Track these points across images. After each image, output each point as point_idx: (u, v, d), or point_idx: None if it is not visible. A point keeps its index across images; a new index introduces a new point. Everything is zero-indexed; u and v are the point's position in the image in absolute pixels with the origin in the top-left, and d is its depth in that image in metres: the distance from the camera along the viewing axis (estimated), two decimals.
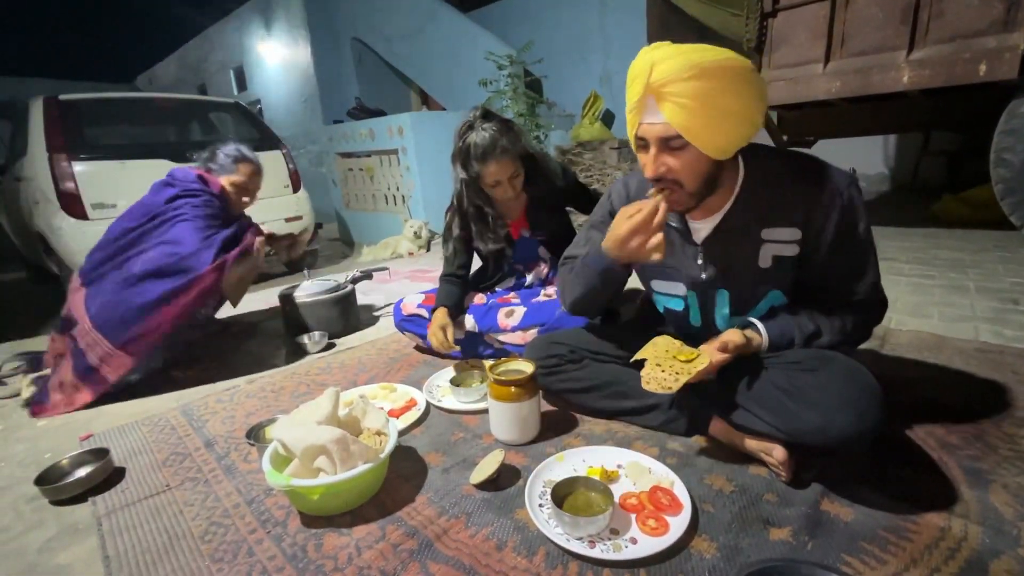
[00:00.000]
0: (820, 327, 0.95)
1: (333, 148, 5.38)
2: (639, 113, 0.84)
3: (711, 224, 0.97)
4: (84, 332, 1.58)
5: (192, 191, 1.75)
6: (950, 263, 2.32)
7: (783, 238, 0.93)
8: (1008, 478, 0.92)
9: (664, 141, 0.84)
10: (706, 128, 0.81)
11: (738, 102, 0.81)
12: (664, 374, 0.92)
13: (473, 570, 0.80)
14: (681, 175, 0.86)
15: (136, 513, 1.01)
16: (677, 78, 0.78)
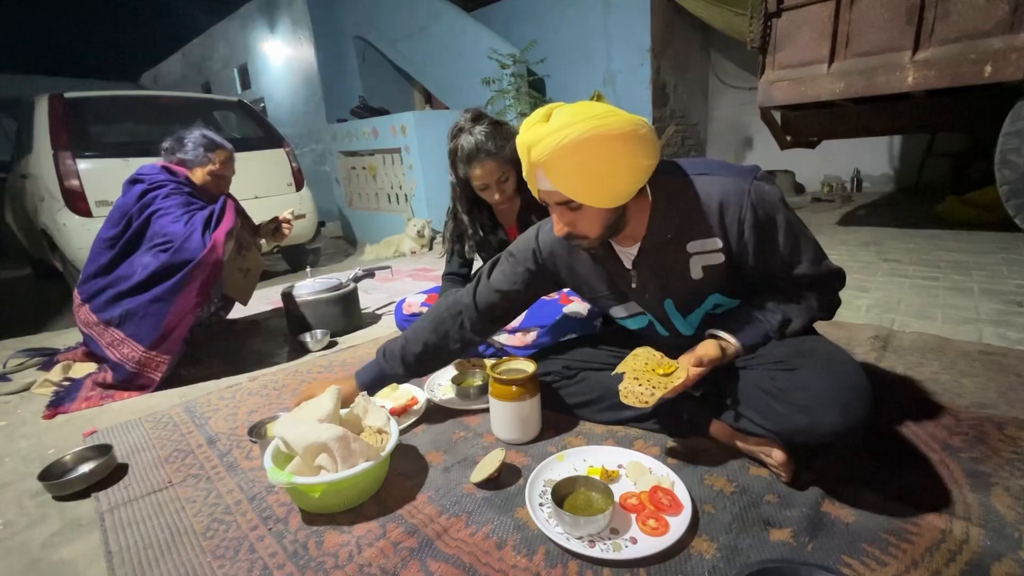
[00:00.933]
0: (788, 314, 0.97)
1: (336, 147, 5.39)
2: (533, 181, 0.90)
3: (633, 248, 0.99)
4: (114, 341, 1.62)
5: (158, 183, 1.73)
6: (954, 265, 2.32)
7: (706, 248, 0.94)
8: (1010, 481, 0.91)
9: (562, 204, 0.89)
10: (592, 190, 0.86)
11: (616, 163, 0.84)
12: (641, 388, 0.93)
13: (473, 569, 0.80)
14: (584, 228, 0.92)
15: (139, 509, 1.01)
16: (550, 158, 0.82)
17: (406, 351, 1.17)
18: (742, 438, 1.00)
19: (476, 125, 1.39)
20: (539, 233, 1.11)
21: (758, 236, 0.91)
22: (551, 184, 0.86)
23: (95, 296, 1.67)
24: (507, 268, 1.13)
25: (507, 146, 1.40)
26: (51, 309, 3.35)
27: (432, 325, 1.17)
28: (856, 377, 0.85)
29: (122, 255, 1.69)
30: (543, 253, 1.10)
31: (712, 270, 0.96)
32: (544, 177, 0.86)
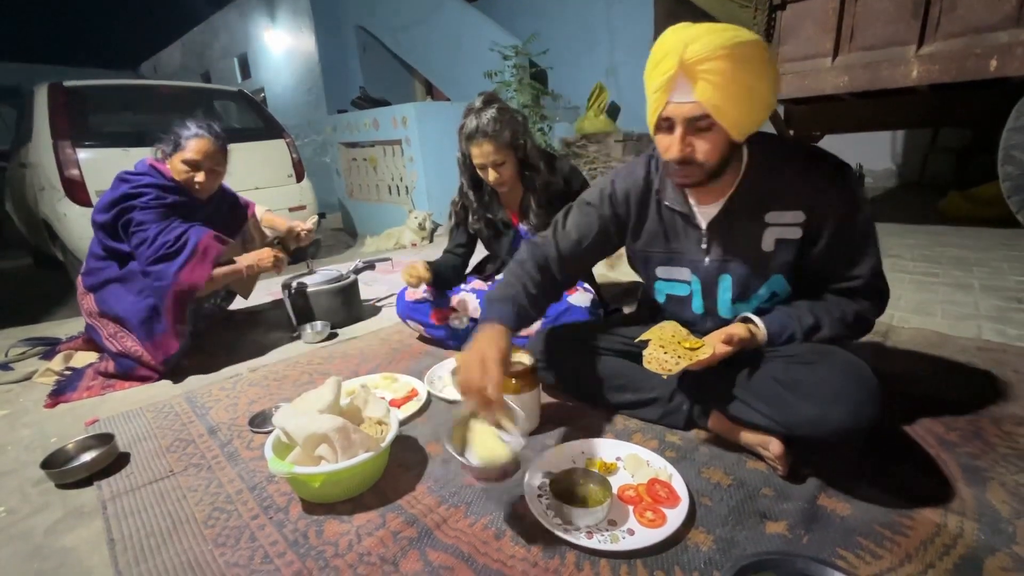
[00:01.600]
0: (820, 320, 0.96)
1: (337, 138, 5.37)
2: (667, 91, 0.82)
3: (716, 208, 0.97)
4: (116, 334, 1.62)
5: (140, 189, 1.62)
6: (955, 261, 2.31)
7: (786, 221, 0.93)
8: (1006, 476, 0.92)
9: (691, 121, 0.83)
10: (734, 108, 0.81)
11: (762, 83, 0.82)
12: (666, 356, 0.93)
13: (471, 558, 0.81)
14: (704, 155, 0.86)
15: (140, 498, 1.02)
16: (712, 56, 0.77)
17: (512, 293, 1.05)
18: (740, 431, 1.01)
19: (486, 108, 1.45)
20: (615, 179, 1.09)
21: (839, 223, 0.91)
22: (692, 93, 0.80)
23: (99, 288, 1.67)
24: (581, 215, 1.11)
25: (506, 132, 1.45)
26: (52, 299, 3.35)
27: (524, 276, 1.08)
28: (871, 380, 0.85)
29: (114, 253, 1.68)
30: (619, 197, 1.07)
31: (784, 245, 0.95)
32: (686, 84, 0.80)
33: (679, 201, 1.00)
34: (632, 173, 1.07)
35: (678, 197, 1.00)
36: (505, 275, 1.11)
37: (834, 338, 0.95)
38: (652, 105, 0.86)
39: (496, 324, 0.98)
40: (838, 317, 0.96)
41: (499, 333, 0.96)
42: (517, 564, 0.80)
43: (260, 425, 1.26)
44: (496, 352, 0.90)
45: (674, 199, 1.00)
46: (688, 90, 0.81)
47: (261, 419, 1.29)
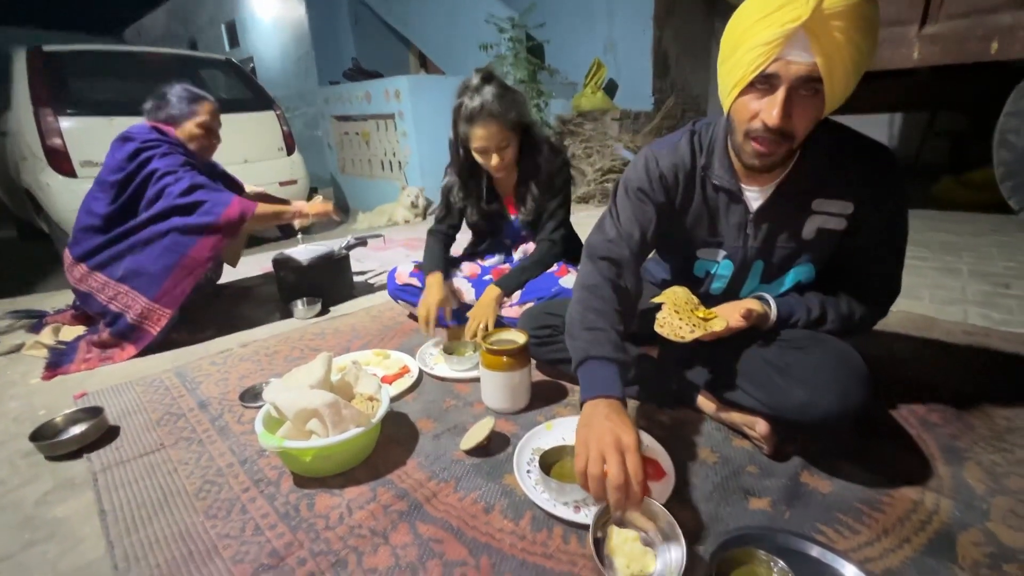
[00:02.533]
0: (826, 314, 0.94)
1: (328, 110, 5.25)
2: (780, 46, 0.70)
3: (766, 192, 0.90)
4: (117, 295, 1.61)
5: (151, 142, 1.66)
6: (945, 246, 2.33)
7: (833, 211, 0.89)
8: (983, 456, 0.95)
9: (801, 84, 0.72)
10: (843, 74, 0.72)
11: (873, 50, 0.73)
12: (681, 323, 0.91)
13: (460, 531, 0.83)
14: (799, 127, 0.77)
15: (131, 470, 1.03)
16: (850, 9, 0.67)
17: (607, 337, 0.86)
18: (728, 410, 1.02)
19: (485, 85, 1.35)
20: (658, 157, 0.96)
21: (884, 220, 0.88)
22: (811, 51, 0.69)
23: (93, 254, 1.65)
24: (635, 205, 0.97)
25: (512, 111, 1.36)
26: (38, 271, 3.30)
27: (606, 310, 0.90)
28: (861, 368, 0.85)
29: (120, 213, 1.66)
30: (668, 178, 0.95)
31: (825, 235, 0.91)
32: (805, 41, 0.69)
33: (728, 179, 0.91)
34: (675, 149, 0.96)
35: (727, 174, 0.91)
36: (578, 312, 0.91)
37: (834, 332, 0.94)
38: (752, 60, 0.73)
39: (611, 400, 0.78)
40: (845, 314, 0.95)
41: (618, 411, 0.76)
42: (505, 537, 0.81)
43: (251, 400, 1.26)
44: (631, 438, 0.71)
45: (722, 176, 0.91)
46: (806, 46, 0.69)
47: (252, 394, 1.29)
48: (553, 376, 1.31)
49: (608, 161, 4.05)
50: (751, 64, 0.73)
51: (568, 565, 0.75)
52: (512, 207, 1.58)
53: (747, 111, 0.78)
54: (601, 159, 4.09)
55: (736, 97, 0.79)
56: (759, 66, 0.73)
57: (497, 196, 1.59)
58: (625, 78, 4.84)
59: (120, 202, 1.64)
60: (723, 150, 0.91)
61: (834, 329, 0.95)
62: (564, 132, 4.43)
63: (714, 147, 0.92)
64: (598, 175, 4.04)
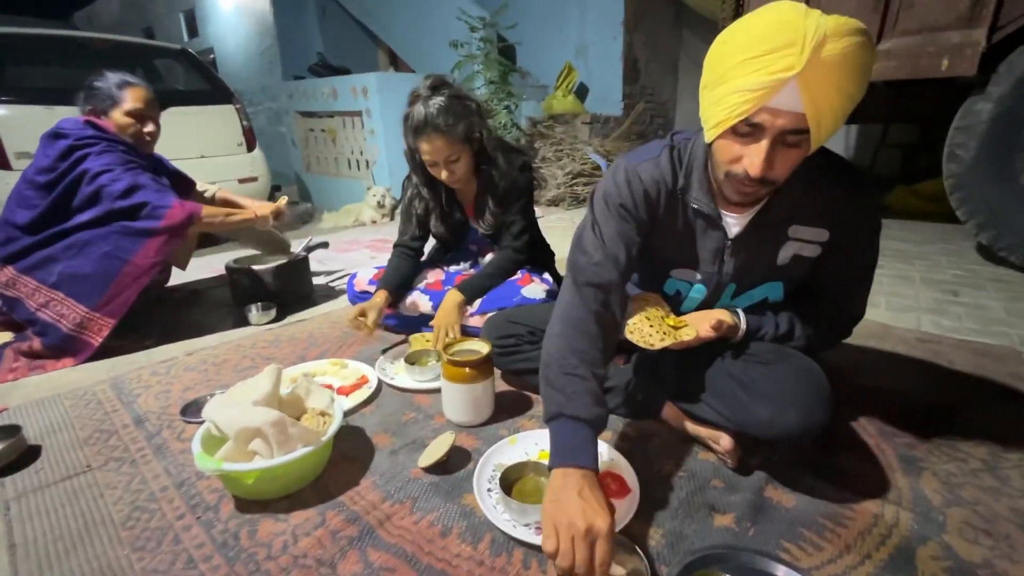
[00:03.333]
0: (793, 330, 0.94)
1: (293, 106, 5.08)
2: (766, 96, 0.65)
3: (745, 218, 0.86)
4: (49, 302, 1.48)
5: (86, 139, 1.52)
6: (898, 253, 2.41)
7: (808, 237, 0.87)
8: (938, 465, 0.96)
9: (785, 134, 0.68)
10: (832, 121, 0.67)
11: (862, 91, 0.68)
12: (652, 330, 0.90)
13: (415, 558, 0.77)
14: (779, 172, 0.72)
15: (50, 496, 0.93)
16: (848, 56, 0.62)
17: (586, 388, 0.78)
18: (694, 423, 1.01)
19: (434, 95, 1.29)
20: (639, 171, 0.89)
21: (857, 249, 0.88)
22: (799, 102, 0.64)
23: (21, 256, 1.52)
24: (618, 222, 0.88)
25: (461, 124, 1.30)
26: None
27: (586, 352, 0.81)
28: (823, 386, 0.85)
29: (52, 214, 1.53)
30: (652, 194, 0.89)
31: (799, 261, 0.89)
32: (795, 90, 0.64)
33: (707, 203, 0.86)
34: (656, 164, 0.89)
35: (706, 198, 0.86)
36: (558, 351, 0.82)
37: (800, 349, 0.94)
38: (734, 104, 0.67)
39: (585, 472, 0.71)
40: (810, 333, 0.94)
41: (591, 486, 0.70)
42: (463, 563, 0.76)
43: (194, 415, 1.17)
44: (604, 523, 0.65)
45: (701, 199, 0.86)
46: (795, 97, 0.64)
47: (195, 408, 1.20)
48: (518, 387, 1.27)
49: (578, 164, 4.06)
50: (735, 109, 0.68)
51: None
52: (473, 214, 1.54)
53: (728, 153, 0.74)
54: (571, 162, 4.09)
55: (719, 137, 0.74)
56: (743, 113, 0.68)
57: (459, 204, 1.54)
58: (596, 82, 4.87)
59: (51, 202, 1.51)
60: (702, 173, 0.85)
61: (800, 345, 0.94)
62: (534, 134, 4.41)
63: (692, 167, 0.87)
64: (568, 178, 4.04)
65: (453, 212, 1.53)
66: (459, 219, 1.54)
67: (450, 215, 1.53)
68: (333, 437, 0.94)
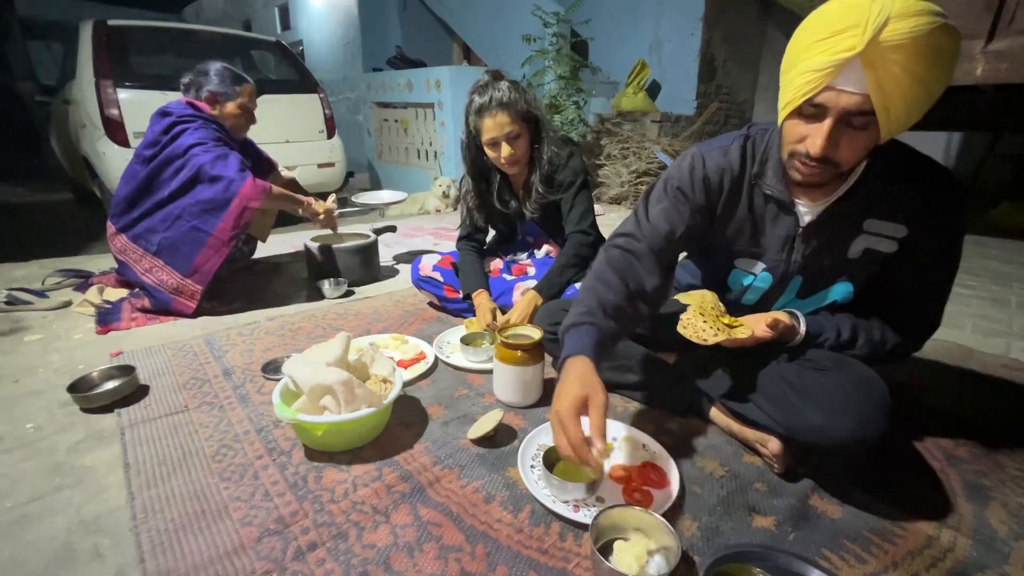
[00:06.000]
0: (857, 337, 0.90)
1: (370, 97, 5.34)
2: (831, 75, 0.67)
3: (820, 207, 0.85)
4: (152, 268, 1.71)
5: (186, 117, 1.74)
6: (995, 275, 2.21)
7: (885, 232, 0.85)
8: (1010, 497, 0.90)
9: (848, 115, 0.69)
10: (903, 108, 0.67)
11: (943, 83, 0.67)
12: (705, 325, 0.89)
13: (459, 518, 0.84)
14: (845, 157, 0.73)
15: (156, 428, 1.08)
16: (914, 40, 0.62)
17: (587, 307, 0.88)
18: (741, 425, 1.00)
19: (496, 81, 1.39)
20: (704, 158, 0.92)
21: (938, 247, 0.84)
22: (865, 82, 0.65)
23: (131, 226, 1.75)
24: (670, 202, 0.94)
25: (521, 101, 1.38)
26: (89, 233, 3.49)
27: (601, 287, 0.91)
28: (882, 394, 0.81)
29: (147, 185, 1.75)
30: (712, 181, 0.91)
31: (872, 256, 0.87)
32: (860, 71, 0.65)
33: (781, 189, 0.86)
34: (726, 153, 0.91)
35: (780, 185, 0.86)
36: (580, 292, 0.95)
37: (863, 358, 0.90)
38: (801, 84, 0.70)
39: (576, 358, 0.81)
40: (876, 341, 0.90)
41: (580, 369, 0.80)
42: (503, 528, 0.82)
43: (272, 372, 1.31)
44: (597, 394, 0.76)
45: (775, 186, 0.87)
46: (860, 78, 0.65)
47: (274, 366, 1.33)
48: None
49: (644, 164, 3.99)
50: (801, 89, 0.70)
51: (562, 562, 0.76)
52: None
53: (795, 133, 0.76)
54: (637, 161, 4.02)
55: (787, 118, 0.76)
56: (808, 92, 0.70)
57: (514, 194, 1.58)
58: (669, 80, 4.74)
59: (148, 171, 1.73)
60: (778, 160, 0.86)
61: (863, 355, 0.90)
62: (602, 131, 4.38)
63: (768, 156, 0.88)
64: (632, 177, 3.98)
65: (506, 201, 1.57)
66: (513, 209, 1.58)
67: (504, 204, 1.57)
68: (393, 402, 1.03)
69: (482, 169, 1.53)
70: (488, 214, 1.61)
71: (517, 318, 1.38)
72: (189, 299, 1.69)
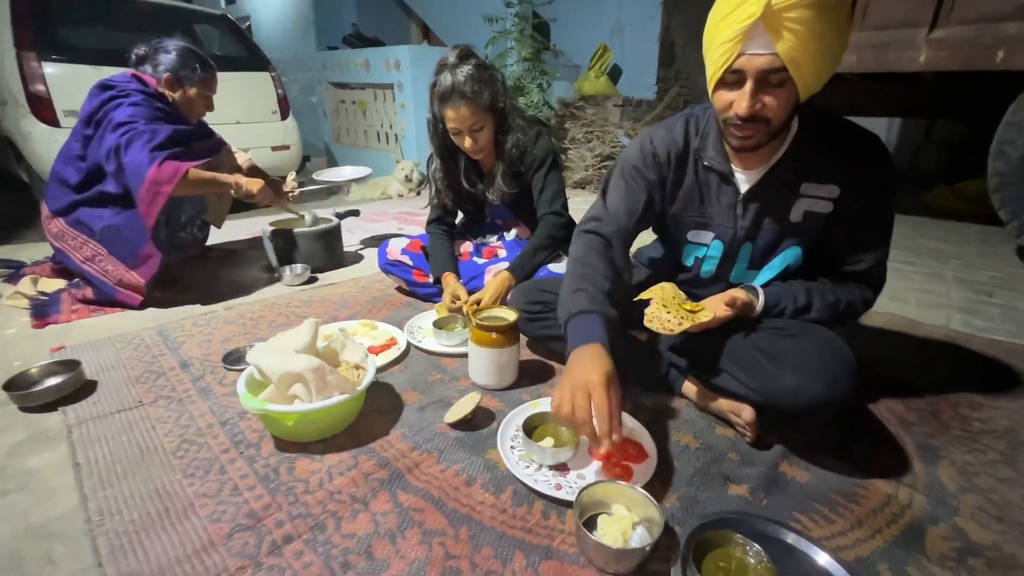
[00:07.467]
0: (812, 302, 0.96)
1: (326, 77, 5.12)
2: (741, 42, 0.76)
3: (757, 174, 0.93)
4: (95, 256, 1.57)
5: (126, 91, 1.58)
6: (933, 252, 2.36)
7: (820, 194, 0.91)
8: (956, 455, 0.97)
9: (764, 75, 0.77)
10: (811, 63, 0.76)
11: (840, 38, 0.77)
12: (669, 315, 0.93)
13: (441, 502, 0.82)
14: (773, 113, 0.81)
15: (108, 425, 1.01)
16: (801, 3, 0.71)
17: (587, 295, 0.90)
18: (714, 397, 1.03)
19: (461, 64, 1.32)
20: (652, 139, 1.01)
21: (870, 203, 0.91)
22: (772, 43, 0.74)
23: (70, 210, 1.60)
24: (627, 183, 1.02)
25: (486, 92, 1.33)
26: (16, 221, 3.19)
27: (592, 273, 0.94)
28: (849, 357, 0.86)
29: (96, 169, 1.60)
30: (661, 157, 1.00)
31: (812, 218, 0.93)
32: (765, 35, 0.74)
33: (720, 160, 0.95)
34: (670, 131, 1.00)
35: (719, 156, 0.95)
36: (566, 283, 0.95)
37: (820, 321, 0.95)
38: (718, 57, 0.79)
39: (590, 345, 0.82)
40: (830, 303, 0.96)
41: (594, 354, 0.80)
42: (486, 510, 0.81)
43: (234, 362, 1.25)
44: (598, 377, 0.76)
45: (714, 158, 0.95)
46: (766, 41, 0.75)
47: (235, 356, 1.27)
48: (542, 355, 1.31)
49: (608, 147, 4.02)
50: (719, 60, 0.79)
51: (547, 539, 0.76)
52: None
53: (723, 101, 0.84)
54: (601, 145, 4.05)
55: (714, 90, 0.84)
56: (725, 62, 0.78)
57: (482, 175, 1.55)
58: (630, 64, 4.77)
59: (91, 153, 1.58)
60: (717, 134, 0.94)
61: (820, 318, 0.96)
62: (565, 115, 4.37)
63: (708, 131, 0.97)
64: (596, 160, 4.01)
65: (474, 184, 1.54)
66: (480, 190, 1.55)
67: (472, 185, 1.54)
68: (367, 388, 1.00)
69: (449, 148, 1.49)
70: (456, 194, 1.57)
71: (489, 299, 1.36)
72: (136, 292, 1.57)
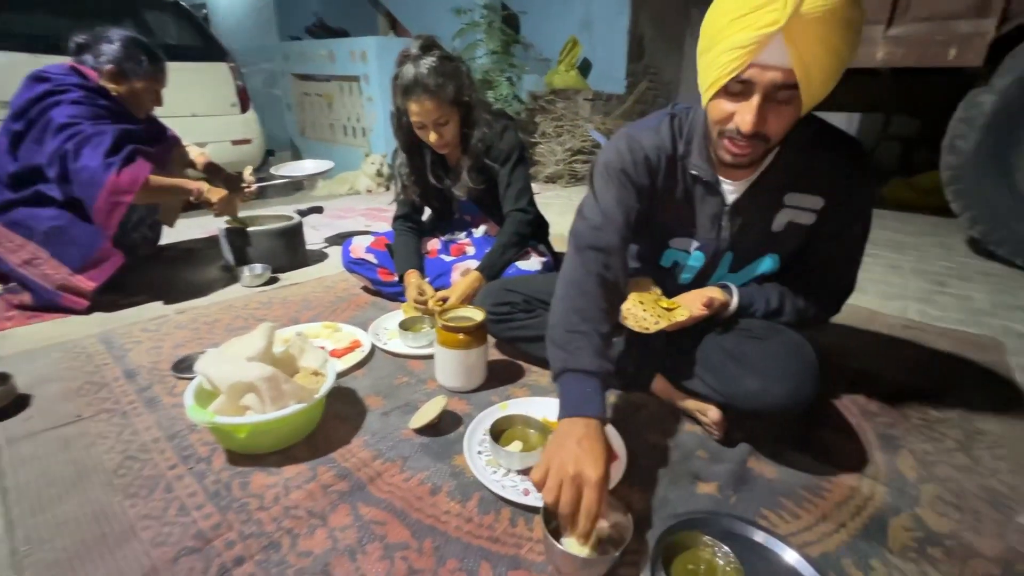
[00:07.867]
0: (783, 306, 0.95)
1: (289, 68, 4.95)
2: (755, 52, 0.67)
3: (744, 185, 0.88)
4: (34, 259, 1.46)
5: (65, 86, 1.45)
6: (890, 244, 2.44)
7: (804, 205, 0.89)
8: (915, 444, 0.99)
9: (775, 90, 0.70)
10: (822, 78, 0.68)
11: (852, 54, 0.69)
12: (645, 313, 0.91)
13: (405, 513, 0.79)
14: (773, 129, 0.74)
15: (41, 443, 0.93)
16: (832, 12, 0.63)
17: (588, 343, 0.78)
18: (682, 396, 1.03)
19: (424, 56, 1.27)
20: (640, 138, 0.91)
21: (851, 217, 0.89)
22: (787, 56, 0.66)
23: (4, 209, 1.48)
24: (619, 187, 0.90)
25: (451, 86, 1.29)
26: None
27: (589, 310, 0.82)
28: (812, 361, 0.86)
29: (32, 169, 1.48)
30: (652, 160, 0.90)
31: (793, 229, 0.91)
32: (782, 46, 0.65)
33: (705, 169, 0.88)
34: (657, 132, 0.92)
35: (705, 165, 0.88)
36: (561, 311, 0.83)
37: (790, 324, 0.95)
38: (726, 63, 0.70)
39: (588, 420, 0.71)
40: (800, 308, 0.96)
41: (593, 435, 0.70)
42: (451, 520, 0.78)
43: (185, 371, 1.18)
44: (596, 472, 0.66)
45: (700, 166, 0.89)
46: (782, 53, 0.66)
47: (187, 364, 1.20)
48: (510, 355, 1.28)
49: (578, 142, 4.01)
50: (726, 67, 0.70)
51: (514, 548, 0.74)
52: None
53: (722, 112, 0.76)
54: (571, 139, 4.04)
55: (712, 97, 0.76)
56: (733, 70, 0.70)
57: (448, 170, 1.51)
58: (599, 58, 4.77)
59: (24, 153, 1.47)
60: (702, 140, 0.87)
61: (789, 321, 0.96)
62: (535, 109, 4.34)
63: (693, 135, 0.89)
64: (567, 155, 3.99)
65: (440, 179, 1.50)
66: (447, 185, 1.51)
67: (438, 180, 1.50)
68: (326, 396, 0.95)
69: (414, 143, 1.44)
70: (423, 189, 1.52)
71: (456, 298, 1.32)
72: (81, 297, 1.47)
